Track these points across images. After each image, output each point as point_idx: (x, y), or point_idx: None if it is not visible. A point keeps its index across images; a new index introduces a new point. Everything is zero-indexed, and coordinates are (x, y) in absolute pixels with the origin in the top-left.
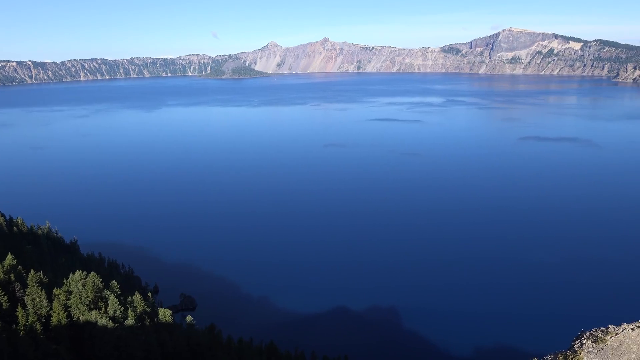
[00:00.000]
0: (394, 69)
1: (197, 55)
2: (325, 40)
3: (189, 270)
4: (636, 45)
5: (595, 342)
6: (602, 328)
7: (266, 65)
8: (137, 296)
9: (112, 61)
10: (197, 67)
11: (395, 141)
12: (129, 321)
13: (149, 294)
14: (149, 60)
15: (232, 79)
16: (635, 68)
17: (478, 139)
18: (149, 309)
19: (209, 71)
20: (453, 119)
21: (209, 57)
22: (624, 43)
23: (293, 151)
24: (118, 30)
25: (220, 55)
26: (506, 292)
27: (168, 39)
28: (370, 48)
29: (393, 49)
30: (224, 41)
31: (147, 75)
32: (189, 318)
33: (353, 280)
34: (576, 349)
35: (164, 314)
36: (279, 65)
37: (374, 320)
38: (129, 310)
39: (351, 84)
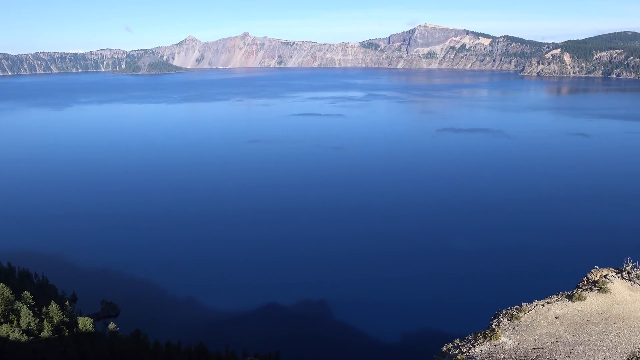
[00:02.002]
0: (316, 64)
1: (111, 49)
2: (246, 35)
3: (109, 275)
4: (539, 41)
5: (510, 320)
6: (516, 306)
7: (185, 61)
8: (53, 306)
9: (15, 56)
10: (110, 63)
11: (319, 136)
12: (45, 333)
13: (67, 303)
14: (56, 55)
15: (149, 74)
16: (538, 63)
17: (399, 131)
18: (67, 319)
19: (123, 66)
20: (374, 112)
21: (124, 52)
22: (528, 39)
23: (216, 148)
24: (20, 22)
25: (135, 50)
26: (429, 280)
27: (77, 32)
28: (291, 43)
29: (314, 44)
30: (139, 35)
31: (55, 71)
32: (111, 325)
33: (281, 276)
34: (494, 327)
35: (84, 323)
36: (198, 61)
37: (304, 315)
38: (45, 322)
39: (273, 79)
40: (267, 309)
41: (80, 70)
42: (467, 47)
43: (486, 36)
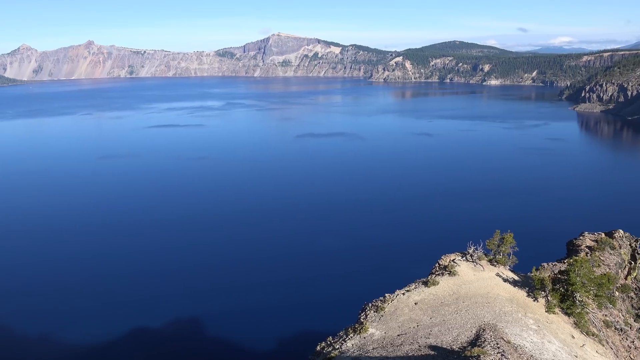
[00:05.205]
0: (170, 74)
1: None
2: (90, 43)
3: None
4: (383, 50)
5: (376, 311)
6: (380, 298)
7: (19, 72)
8: None
9: None
10: None
11: (180, 147)
12: None
13: None
14: None
15: None
16: (384, 69)
17: (260, 138)
18: None
19: None
20: (234, 121)
21: None
22: (374, 48)
23: (63, 166)
24: None
25: None
26: (298, 283)
27: None
28: (143, 52)
29: (167, 53)
30: None
31: None
32: None
33: (143, 292)
34: (362, 320)
35: None
36: (35, 72)
37: (174, 331)
38: None
39: (124, 90)
40: (134, 331)
41: None
42: (319, 55)
43: (336, 45)
